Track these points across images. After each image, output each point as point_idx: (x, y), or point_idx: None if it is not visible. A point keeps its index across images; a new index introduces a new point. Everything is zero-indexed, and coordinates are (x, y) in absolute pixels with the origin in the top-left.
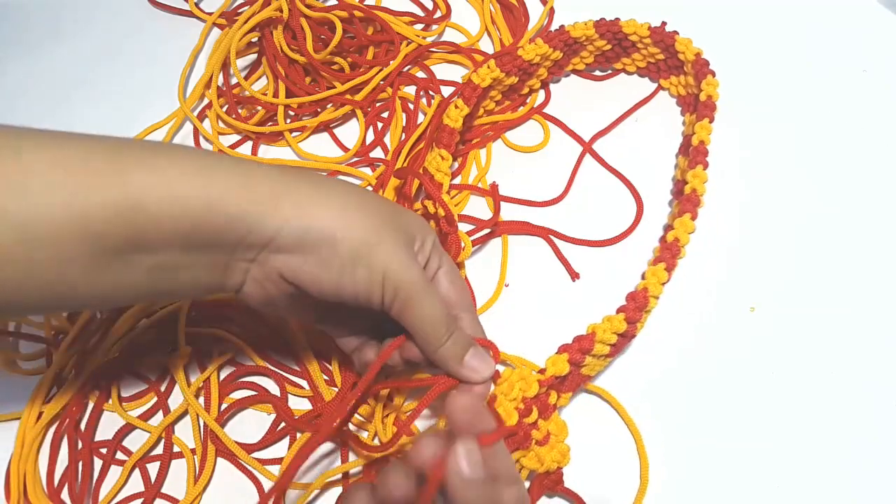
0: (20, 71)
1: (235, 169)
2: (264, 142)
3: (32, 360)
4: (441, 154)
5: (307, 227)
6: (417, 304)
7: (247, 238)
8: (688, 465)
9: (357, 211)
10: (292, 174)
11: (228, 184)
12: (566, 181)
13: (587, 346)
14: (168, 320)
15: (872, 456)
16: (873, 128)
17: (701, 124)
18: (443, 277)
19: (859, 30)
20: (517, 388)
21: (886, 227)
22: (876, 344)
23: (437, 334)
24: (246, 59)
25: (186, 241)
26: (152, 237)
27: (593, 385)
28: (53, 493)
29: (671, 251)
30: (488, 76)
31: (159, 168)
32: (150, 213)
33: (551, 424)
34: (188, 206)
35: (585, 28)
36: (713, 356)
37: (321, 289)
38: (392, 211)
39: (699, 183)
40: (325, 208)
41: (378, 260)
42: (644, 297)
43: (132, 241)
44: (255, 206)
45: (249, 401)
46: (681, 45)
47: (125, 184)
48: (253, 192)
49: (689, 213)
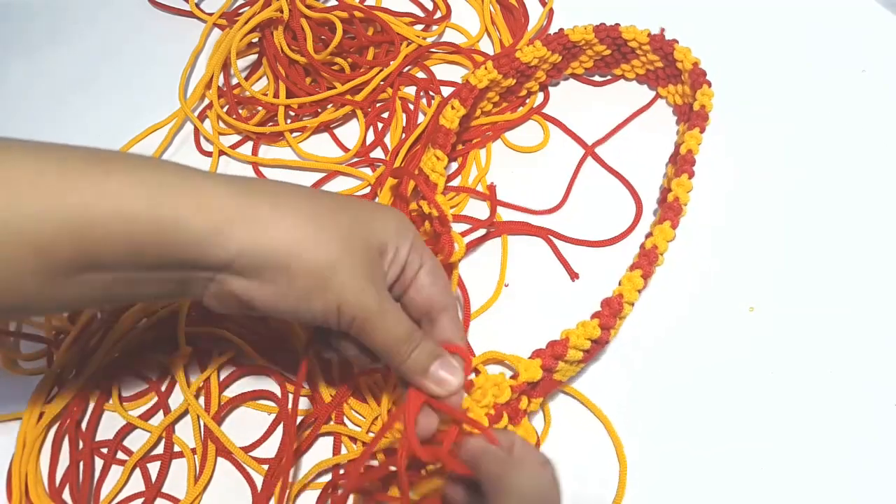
0: (21, 71)
1: (188, 188)
2: (265, 142)
3: (33, 360)
4: (436, 154)
5: (262, 255)
6: (373, 328)
7: (200, 261)
8: (685, 464)
9: (314, 233)
10: (247, 191)
11: (180, 205)
12: (566, 182)
13: (560, 352)
14: (168, 320)
15: (872, 456)
16: (872, 128)
17: (690, 133)
18: (424, 277)
19: (858, 30)
20: (490, 394)
21: (886, 226)
22: (875, 344)
23: (398, 352)
24: (246, 59)
25: (139, 261)
26: (103, 255)
27: (571, 388)
28: (55, 493)
29: (648, 258)
30: (485, 77)
31: (106, 185)
32: (99, 232)
33: (520, 430)
34: (136, 229)
35: (585, 32)
36: (712, 356)
37: (277, 313)
38: (354, 222)
39: (682, 192)
40: (280, 232)
41: (333, 291)
42: (619, 303)
43: (83, 259)
44: (208, 229)
45: (249, 395)
46: (679, 54)
47: (72, 200)
48: (206, 213)
49: (669, 221)
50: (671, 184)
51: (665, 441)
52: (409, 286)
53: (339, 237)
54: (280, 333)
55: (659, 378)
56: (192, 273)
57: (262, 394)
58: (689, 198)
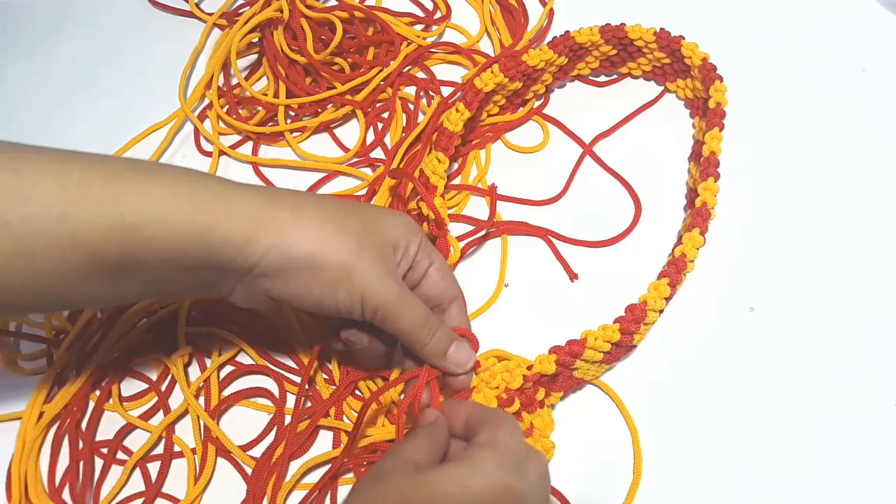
0: (21, 71)
1: (222, 196)
2: (265, 142)
3: (33, 360)
4: (438, 157)
5: (288, 255)
6: (396, 317)
7: (232, 263)
8: (685, 464)
9: (335, 234)
10: (273, 199)
11: (216, 212)
12: (566, 182)
13: (577, 351)
14: (168, 320)
15: (872, 456)
16: (872, 128)
17: (711, 134)
18: (434, 274)
19: (858, 30)
20: (499, 377)
21: (885, 226)
22: (875, 344)
23: (420, 337)
24: (246, 59)
25: (176, 264)
26: (144, 258)
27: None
28: (54, 493)
29: (677, 266)
30: (491, 81)
31: (152, 194)
32: (143, 237)
33: (536, 419)
34: (178, 234)
35: (591, 34)
36: (712, 356)
37: (304, 306)
38: (369, 223)
39: (710, 196)
40: (305, 234)
41: (356, 283)
42: (642, 310)
43: (125, 261)
44: (240, 235)
45: (246, 393)
46: (687, 50)
47: (121, 209)
48: (237, 220)
49: (698, 228)
50: (698, 188)
51: (664, 441)
52: (420, 282)
53: (355, 235)
54: (280, 333)
55: (658, 378)
56: (221, 276)
57: (260, 391)
58: (716, 201)
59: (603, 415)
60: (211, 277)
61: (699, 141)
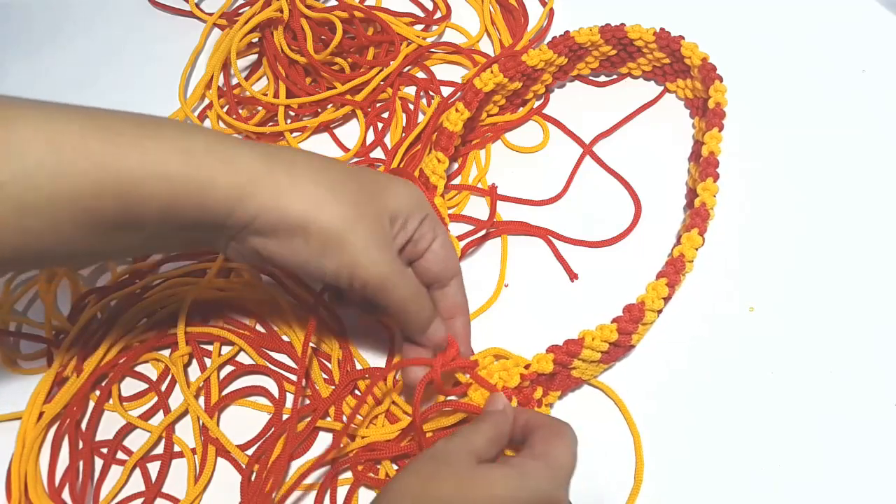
0: (21, 71)
1: (220, 151)
2: (265, 142)
3: (33, 359)
4: (438, 157)
5: (281, 216)
6: (385, 290)
7: (227, 220)
8: (684, 464)
9: (331, 200)
10: (272, 158)
11: (214, 168)
12: (566, 182)
13: (574, 350)
14: (168, 320)
15: (872, 456)
16: (872, 128)
17: (710, 134)
18: (438, 248)
19: (858, 30)
20: (497, 376)
21: (885, 226)
22: (875, 344)
23: (407, 311)
24: (246, 59)
25: (173, 220)
26: (142, 215)
27: (597, 381)
28: (54, 493)
29: (675, 267)
30: (491, 81)
31: (150, 150)
32: (141, 193)
33: None
34: (173, 188)
35: (590, 34)
36: (712, 356)
37: (294, 270)
38: (369, 190)
39: (709, 196)
40: (300, 197)
41: (347, 255)
42: (640, 310)
43: (123, 217)
44: (237, 192)
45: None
46: (686, 50)
47: (118, 165)
48: (235, 177)
49: (697, 228)
50: (697, 188)
51: (664, 441)
52: (423, 255)
53: (350, 203)
54: (280, 333)
55: (658, 378)
56: (217, 230)
57: (259, 390)
58: (715, 201)
59: (602, 414)
60: (206, 234)
61: (699, 141)
